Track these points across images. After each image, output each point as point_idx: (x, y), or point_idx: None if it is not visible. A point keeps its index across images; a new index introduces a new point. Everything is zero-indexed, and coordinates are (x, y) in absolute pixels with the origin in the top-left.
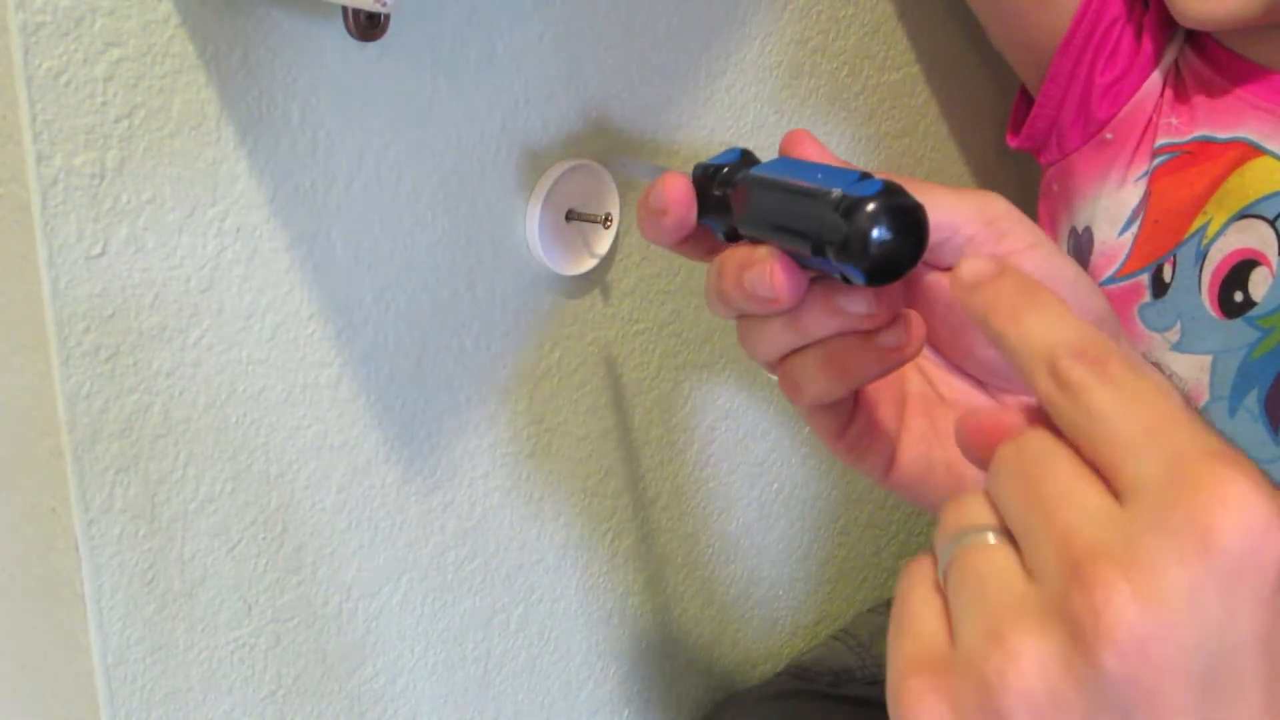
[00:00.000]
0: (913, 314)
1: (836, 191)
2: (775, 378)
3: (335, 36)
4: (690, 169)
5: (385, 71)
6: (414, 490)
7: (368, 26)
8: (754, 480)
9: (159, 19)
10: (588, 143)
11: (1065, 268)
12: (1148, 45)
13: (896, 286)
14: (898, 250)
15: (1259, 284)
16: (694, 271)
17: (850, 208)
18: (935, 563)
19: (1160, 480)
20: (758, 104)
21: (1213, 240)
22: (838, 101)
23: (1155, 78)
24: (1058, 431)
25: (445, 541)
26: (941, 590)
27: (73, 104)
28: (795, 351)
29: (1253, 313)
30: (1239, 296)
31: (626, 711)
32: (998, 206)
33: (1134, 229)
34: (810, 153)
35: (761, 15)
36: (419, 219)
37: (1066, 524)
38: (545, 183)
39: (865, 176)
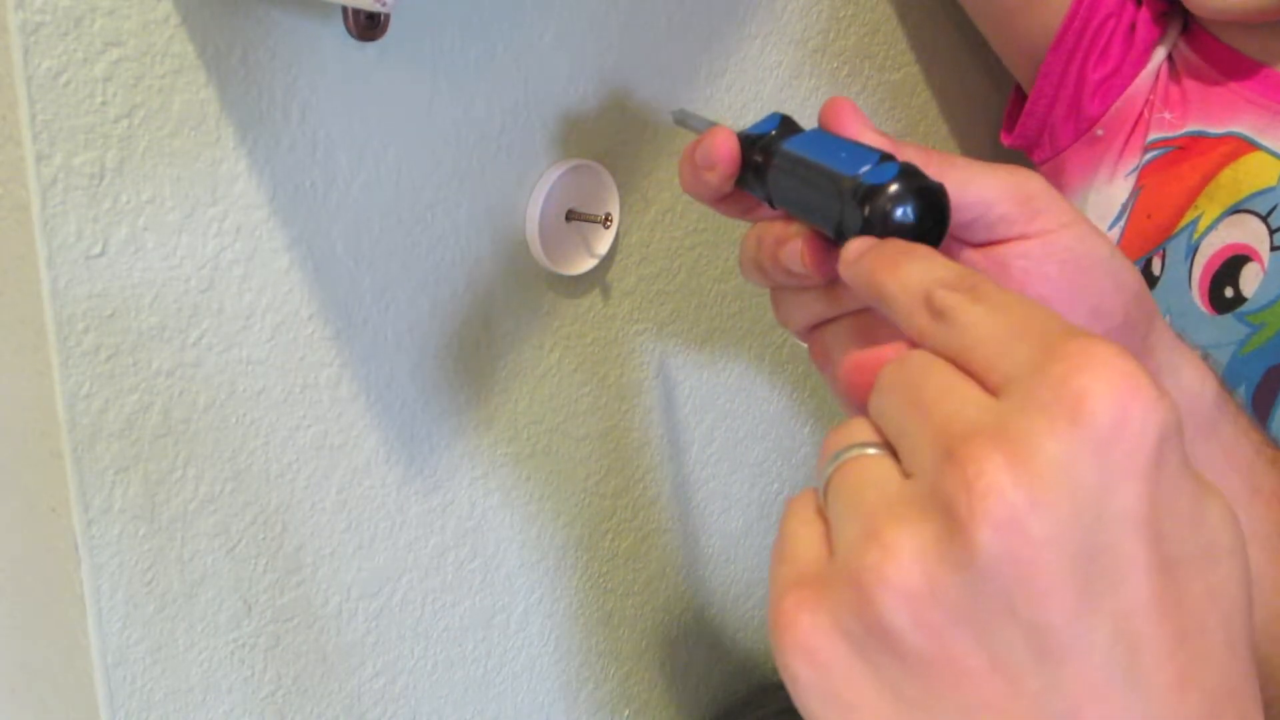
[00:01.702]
0: None
1: (853, 178)
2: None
3: (335, 36)
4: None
5: (385, 71)
6: (414, 490)
7: (368, 26)
8: (754, 480)
9: (159, 19)
10: (588, 143)
11: (1099, 246)
12: (1140, 41)
13: None
14: (915, 234)
15: (1250, 280)
16: (694, 271)
17: (866, 195)
18: (817, 493)
19: (1030, 364)
20: (758, 104)
21: (1204, 235)
22: None
23: (1147, 73)
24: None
25: (445, 541)
26: (823, 514)
27: (72, 104)
28: (827, 321)
29: (1243, 309)
30: (1229, 292)
31: (626, 711)
32: (1033, 185)
33: (1122, 223)
34: (847, 124)
35: (761, 15)
36: (419, 219)
37: (943, 415)
38: (545, 183)
39: (887, 158)
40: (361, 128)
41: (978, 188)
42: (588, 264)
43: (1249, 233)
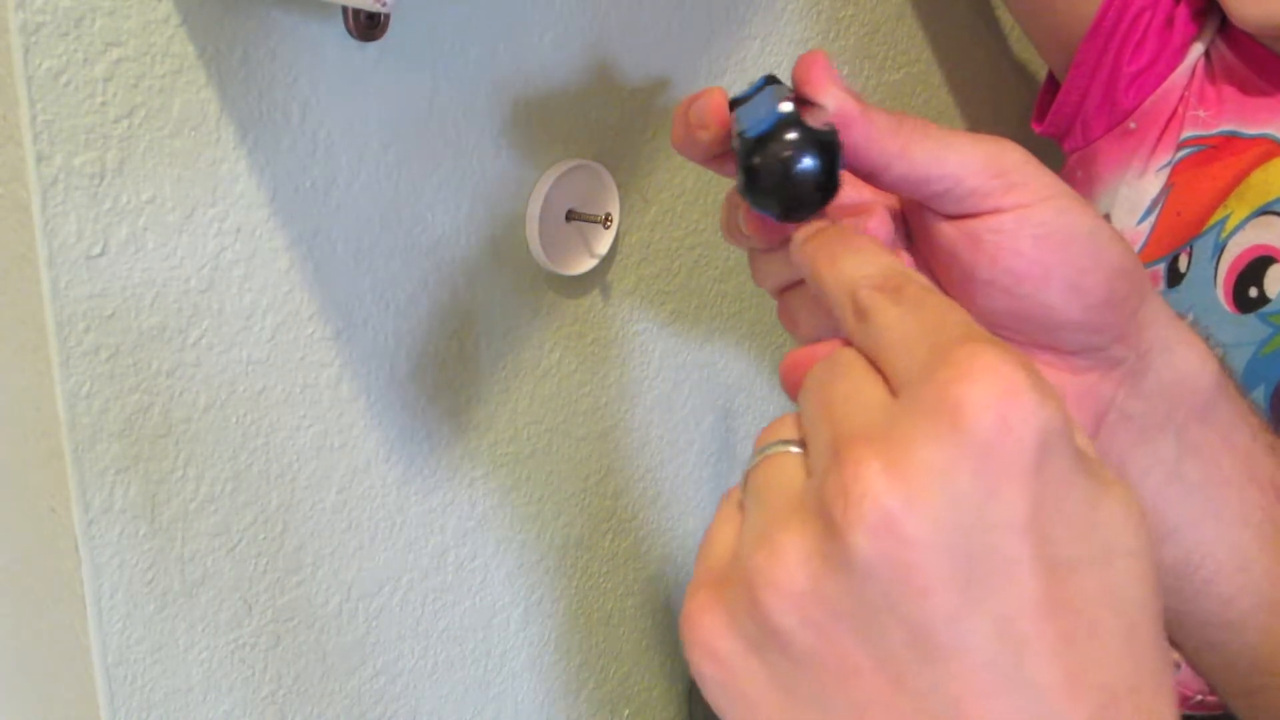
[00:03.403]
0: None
1: (739, 135)
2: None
3: (335, 36)
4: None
5: (385, 71)
6: (414, 490)
7: (368, 26)
8: None
9: (159, 19)
10: (588, 143)
11: (1078, 221)
12: (1177, 36)
13: (882, 228)
14: (793, 190)
15: (1274, 281)
16: (694, 271)
17: (743, 151)
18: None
19: (921, 369)
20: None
21: (1231, 234)
22: None
23: (1183, 69)
24: None
25: (445, 541)
26: (742, 510)
27: (73, 104)
28: (792, 285)
29: (1266, 309)
30: (1253, 292)
31: (627, 711)
32: (1011, 157)
33: (1152, 218)
34: (812, 81)
35: (761, 15)
36: (419, 219)
37: (842, 417)
38: (545, 183)
39: (786, 114)
40: (361, 128)
41: (949, 159)
42: (588, 264)
43: (1275, 234)
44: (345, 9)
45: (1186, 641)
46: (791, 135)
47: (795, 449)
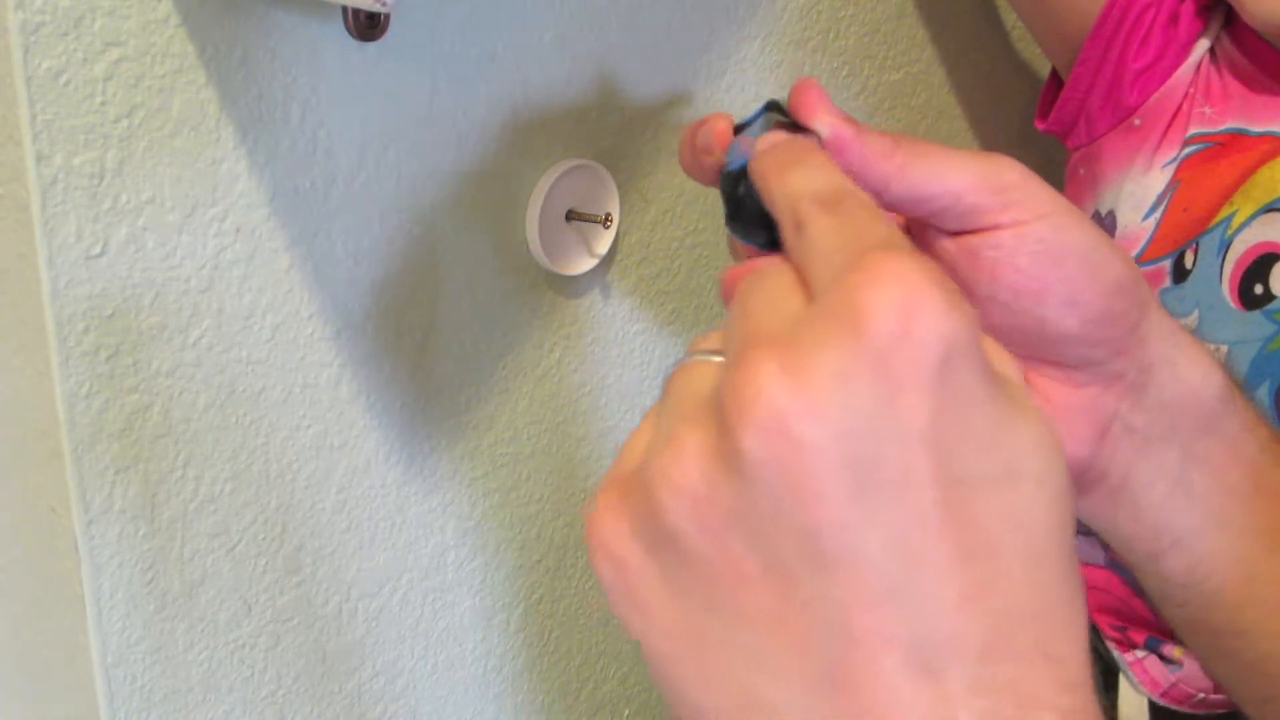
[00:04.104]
0: None
1: (724, 169)
2: None
3: (335, 36)
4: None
5: (385, 71)
6: (414, 490)
7: (368, 26)
8: None
9: (159, 19)
10: (588, 143)
11: (1076, 238)
12: (1182, 33)
13: None
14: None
15: None
16: (694, 272)
17: (727, 187)
18: None
19: (833, 277)
20: (758, 104)
21: (1237, 231)
22: (837, 101)
23: (1188, 66)
24: None
25: (445, 541)
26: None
27: (72, 104)
28: None
29: (1271, 306)
30: (1259, 289)
31: (627, 711)
32: (1008, 175)
33: (1158, 214)
34: (805, 109)
35: (761, 15)
36: (419, 219)
37: (754, 323)
38: (545, 183)
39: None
40: (361, 128)
41: (946, 178)
42: (588, 264)
43: None
44: (345, 9)
45: (1199, 649)
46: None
47: (717, 359)
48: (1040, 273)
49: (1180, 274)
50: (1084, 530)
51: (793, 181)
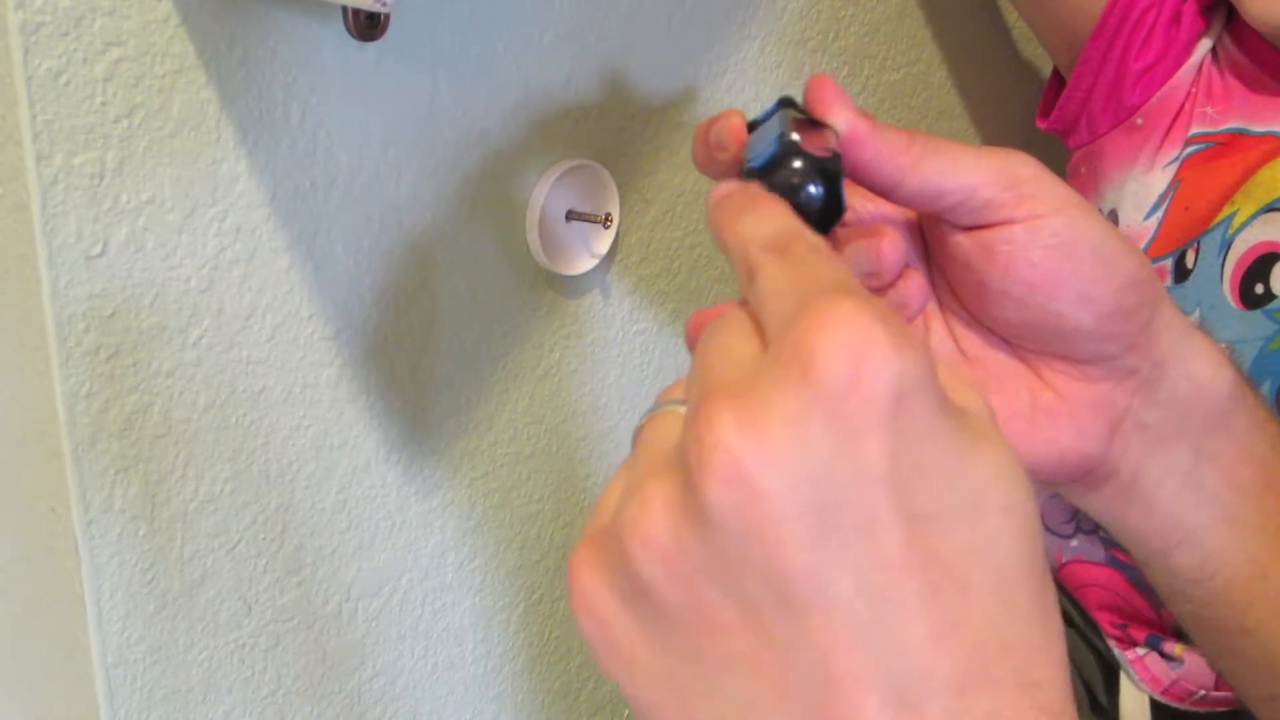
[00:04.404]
0: (884, 242)
1: (743, 169)
2: None
3: (335, 36)
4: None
5: (385, 71)
6: (414, 490)
7: (368, 26)
8: None
9: (159, 19)
10: (588, 143)
11: (1089, 233)
12: (1183, 33)
13: (894, 250)
14: (802, 211)
15: None
16: (694, 272)
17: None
18: None
19: (783, 323)
20: (758, 104)
21: (1238, 231)
22: None
23: (1189, 65)
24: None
25: (445, 542)
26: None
27: (72, 104)
28: None
29: (1272, 305)
30: (1260, 289)
31: (627, 711)
32: (1023, 169)
33: (1159, 214)
34: (822, 105)
35: (761, 15)
36: (419, 219)
37: (711, 373)
38: (545, 183)
39: (785, 141)
40: (361, 128)
41: (961, 173)
42: (588, 264)
43: None
44: (345, 9)
45: (1206, 646)
46: (795, 164)
47: (682, 409)
48: (1054, 267)
49: (1181, 273)
50: (1087, 529)
51: (743, 229)
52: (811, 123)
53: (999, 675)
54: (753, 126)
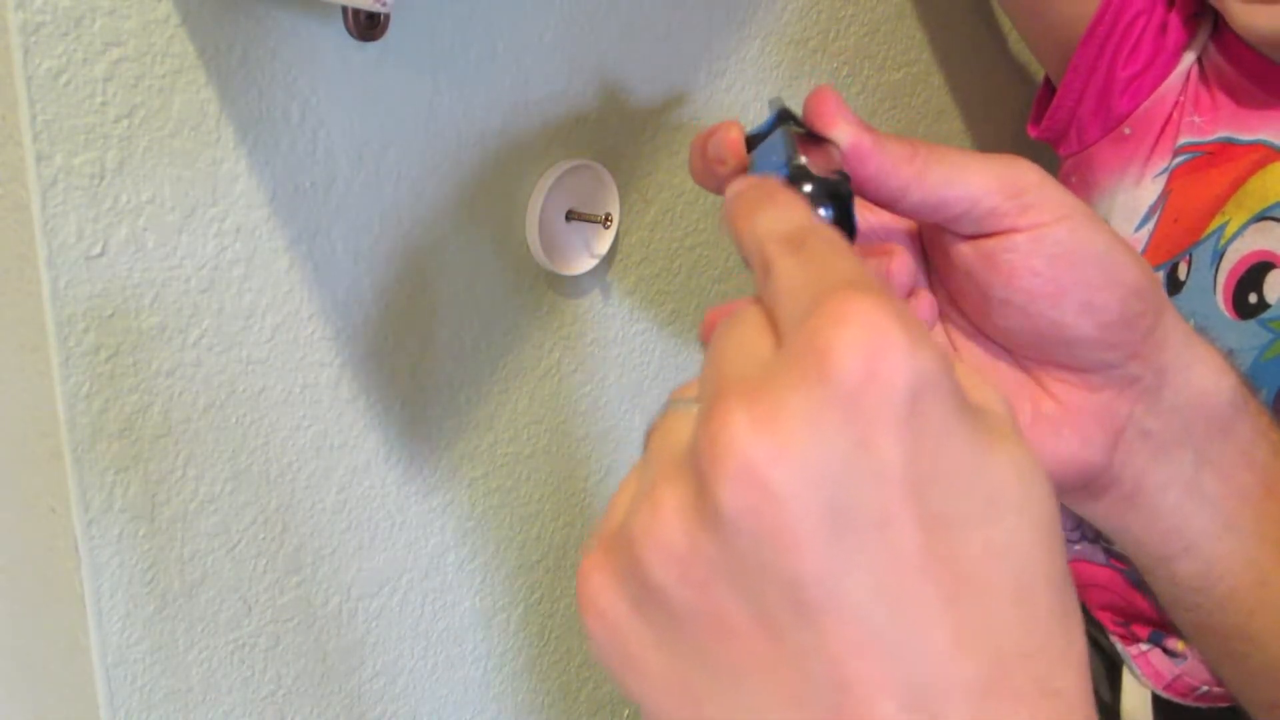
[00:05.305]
0: (895, 257)
1: None
2: None
3: (335, 36)
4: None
5: (385, 71)
6: (414, 490)
7: (368, 26)
8: None
9: (159, 19)
10: (588, 143)
11: (1092, 241)
12: (1170, 42)
13: (903, 271)
14: None
15: (1274, 286)
16: (694, 272)
17: None
18: None
19: (798, 319)
20: (758, 104)
21: (1230, 241)
22: None
23: (1177, 75)
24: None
25: (445, 542)
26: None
27: (72, 104)
28: None
29: (1265, 315)
30: (1253, 298)
31: (626, 711)
32: (1026, 178)
33: (1150, 225)
34: (824, 118)
35: (761, 15)
36: (419, 219)
37: (725, 371)
38: (545, 183)
39: (794, 163)
40: (361, 128)
41: (963, 182)
42: (588, 264)
43: (1274, 240)
44: (345, 9)
45: (1208, 653)
46: (805, 189)
47: (694, 408)
48: (1056, 276)
49: (1174, 285)
50: (1090, 537)
51: (759, 224)
52: (813, 137)
53: (1020, 683)
54: (750, 140)
